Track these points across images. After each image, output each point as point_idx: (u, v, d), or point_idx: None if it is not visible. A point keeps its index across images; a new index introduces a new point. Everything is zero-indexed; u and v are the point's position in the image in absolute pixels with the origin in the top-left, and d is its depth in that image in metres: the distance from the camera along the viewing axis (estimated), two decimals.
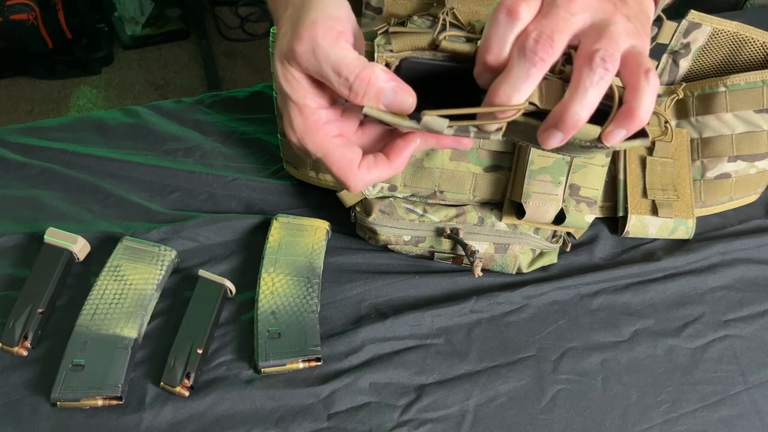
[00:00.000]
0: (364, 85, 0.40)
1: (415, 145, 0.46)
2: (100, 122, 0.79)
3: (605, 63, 0.37)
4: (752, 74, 0.69)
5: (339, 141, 0.45)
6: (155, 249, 0.63)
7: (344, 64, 0.40)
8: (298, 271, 0.63)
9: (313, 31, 0.40)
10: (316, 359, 0.58)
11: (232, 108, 0.82)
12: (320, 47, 0.40)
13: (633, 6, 0.42)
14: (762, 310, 0.67)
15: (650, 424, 0.58)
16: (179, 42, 2.09)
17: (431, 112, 0.38)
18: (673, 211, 0.70)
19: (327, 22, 0.41)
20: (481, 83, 0.41)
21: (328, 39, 0.40)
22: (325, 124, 0.45)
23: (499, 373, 0.59)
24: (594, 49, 0.38)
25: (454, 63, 0.43)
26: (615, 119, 0.39)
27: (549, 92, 0.40)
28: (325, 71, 0.41)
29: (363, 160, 0.46)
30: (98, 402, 0.54)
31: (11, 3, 1.80)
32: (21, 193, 0.70)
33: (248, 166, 0.75)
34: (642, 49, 0.39)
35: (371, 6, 0.66)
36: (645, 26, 0.42)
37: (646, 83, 0.38)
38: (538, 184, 0.61)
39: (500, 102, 0.39)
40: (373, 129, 0.48)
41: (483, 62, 0.40)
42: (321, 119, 0.44)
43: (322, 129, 0.45)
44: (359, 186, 0.46)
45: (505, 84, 0.38)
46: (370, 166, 0.46)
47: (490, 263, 0.67)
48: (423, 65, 0.43)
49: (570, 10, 0.39)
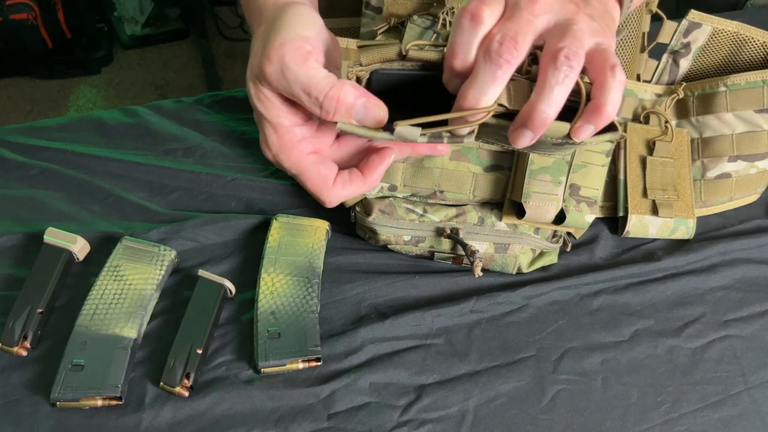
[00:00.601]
0: (333, 103, 0.40)
1: (389, 161, 0.47)
2: (99, 122, 0.79)
3: (569, 61, 0.38)
4: (752, 74, 0.69)
5: (314, 158, 0.46)
6: (155, 249, 0.63)
7: (313, 84, 0.40)
8: (298, 271, 0.63)
9: (282, 52, 0.41)
10: (316, 359, 0.58)
11: (232, 108, 0.82)
12: (289, 68, 0.41)
13: (596, 6, 0.42)
14: (762, 310, 0.67)
15: (650, 424, 0.58)
16: (179, 42, 2.09)
17: (403, 123, 0.39)
18: (673, 211, 0.70)
19: (295, 43, 0.41)
20: (451, 89, 0.42)
21: (297, 60, 0.41)
22: (300, 141, 0.45)
23: (499, 374, 0.59)
24: (558, 47, 0.38)
25: (424, 71, 0.43)
26: (583, 115, 0.39)
27: (517, 93, 0.40)
28: (295, 92, 0.41)
29: (338, 176, 0.47)
30: (98, 402, 0.54)
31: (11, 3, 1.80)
32: (20, 193, 0.70)
33: (248, 166, 0.75)
34: (607, 46, 0.40)
35: (371, 5, 0.66)
36: (609, 25, 0.43)
37: (613, 79, 0.38)
38: (539, 183, 0.61)
39: (469, 106, 0.39)
40: (350, 142, 0.48)
41: (450, 68, 0.41)
42: (295, 137, 0.45)
43: (297, 147, 0.45)
44: (334, 202, 0.48)
45: (473, 88, 0.39)
46: (345, 183, 0.47)
47: (490, 263, 0.67)
48: (393, 76, 0.43)
49: (533, 11, 0.39)
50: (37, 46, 1.88)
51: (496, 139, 0.43)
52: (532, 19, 0.39)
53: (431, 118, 0.39)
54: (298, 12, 0.44)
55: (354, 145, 0.48)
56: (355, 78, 0.43)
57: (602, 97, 0.39)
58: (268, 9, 0.47)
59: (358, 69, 0.43)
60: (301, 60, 0.41)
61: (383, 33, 0.65)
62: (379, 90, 0.43)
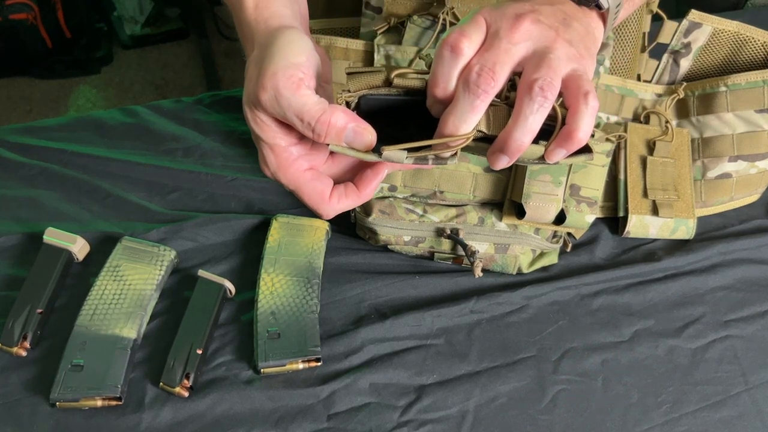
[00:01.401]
0: (324, 128, 0.42)
1: (383, 176, 0.49)
2: (99, 122, 0.79)
3: (544, 92, 0.40)
4: (753, 74, 0.69)
5: (310, 174, 0.49)
6: (155, 249, 0.63)
7: (305, 110, 0.43)
8: (298, 271, 0.63)
9: (275, 81, 0.43)
10: (315, 360, 0.58)
11: (232, 108, 0.82)
12: (282, 96, 0.43)
13: (577, 29, 0.44)
14: (763, 310, 0.66)
15: (651, 424, 0.58)
16: (179, 41, 2.09)
17: (390, 147, 0.42)
18: (673, 211, 0.70)
19: (287, 72, 0.43)
20: (434, 113, 0.44)
21: (290, 88, 0.43)
22: (296, 159, 0.48)
23: (499, 374, 0.59)
24: (533, 78, 0.40)
25: (409, 96, 0.46)
26: (556, 140, 0.42)
27: (496, 118, 0.43)
28: (289, 117, 0.44)
29: (334, 190, 0.50)
30: (97, 402, 0.54)
31: (11, 3, 1.79)
32: (20, 193, 0.70)
33: (248, 166, 0.75)
34: (583, 72, 0.42)
35: (371, 5, 0.65)
36: (590, 48, 0.45)
37: (585, 106, 0.41)
38: (539, 184, 0.61)
39: (449, 133, 0.41)
40: (343, 158, 0.51)
41: (432, 96, 0.43)
42: (292, 155, 0.48)
43: (293, 165, 0.48)
44: (331, 214, 0.50)
45: (453, 116, 0.41)
46: (341, 197, 0.50)
47: (491, 263, 0.67)
48: (380, 101, 0.46)
49: (512, 39, 0.41)
50: (36, 46, 1.88)
51: (480, 154, 0.45)
52: (510, 48, 0.41)
53: (415, 144, 0.42)
54: (288, 38, 0.46)
55: (348, 161, 0.51)
56: (345, 103, 0.45)
57: (574, 123, 0.41)
58: (260, 34, 0.49)
59: (347, 95, 0.45)
60: (294, 88, 0.43)
61: (383, 33, 0.65)
62: (368, 112, 0.45)
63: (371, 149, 0.43)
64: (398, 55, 0.63)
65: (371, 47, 0.64)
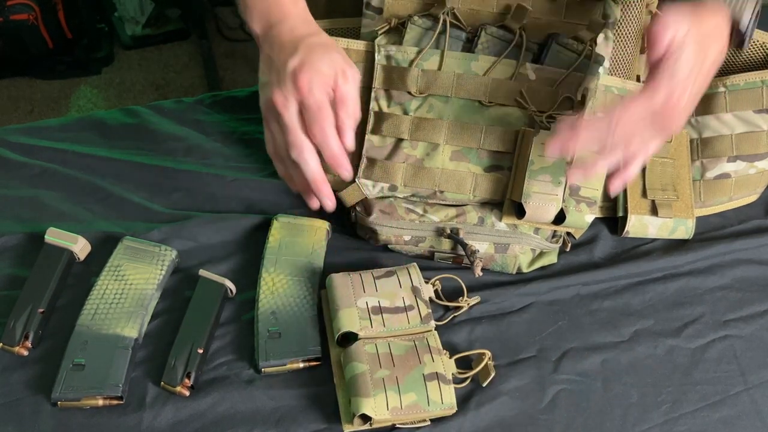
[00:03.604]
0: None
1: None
2: (100, 122, 0.79)
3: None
4: (752, 74, 0.69)
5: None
6: (156, 249, 0.63)
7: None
8: (299, 271, 0.63)
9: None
10: (316, 359, 0.58)
11: (232, 108, 0.82)
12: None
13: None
14: (762, 310, 0.67)
15: (651, 424, 0.58)
16: (179, 42, 2.09)
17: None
18: (672, 211, 0.70)
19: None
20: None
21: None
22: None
23: (499, 373, 0.59)
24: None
25: None
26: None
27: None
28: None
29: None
30: (99, 402, 0.54)
31: (11, 3, 1.79)
32: (21, 193, 0.70)
33: (248, 166, 0.75)
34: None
35: (372, 6, 0.66)
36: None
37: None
38: (539, 184, 0.61)
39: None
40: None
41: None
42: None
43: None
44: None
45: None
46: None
47: (491, 263, 0.67)
48: None
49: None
50: (37, 47, 1.88)
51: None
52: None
53: None
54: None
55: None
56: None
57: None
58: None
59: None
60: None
61: (384, 33, 0.65)
62: None
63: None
64: (399, 56, 0.63)
65: (372, 48, 0.64)
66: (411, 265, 0.63)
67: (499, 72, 0.63)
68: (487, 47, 0.63)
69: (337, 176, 0.59)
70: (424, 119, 0.63)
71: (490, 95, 0.63)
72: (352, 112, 0.57)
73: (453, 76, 0.63)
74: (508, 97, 0.63)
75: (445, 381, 0.55)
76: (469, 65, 0.63)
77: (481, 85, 0.63)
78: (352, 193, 0.65)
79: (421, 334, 0.59)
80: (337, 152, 0.56)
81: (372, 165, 0.65)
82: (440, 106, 0.63)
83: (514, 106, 0.63)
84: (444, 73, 0.63)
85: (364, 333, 0.58)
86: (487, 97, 0.63)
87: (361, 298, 0.60)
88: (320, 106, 0.54)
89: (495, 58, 0.63)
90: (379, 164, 0.64)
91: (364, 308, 0.59)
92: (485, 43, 0.63)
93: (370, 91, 0.64)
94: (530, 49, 0.64)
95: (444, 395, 0.55)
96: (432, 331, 0.59)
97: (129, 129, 0.78)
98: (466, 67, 0.63)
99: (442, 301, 0.64)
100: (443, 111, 0.63)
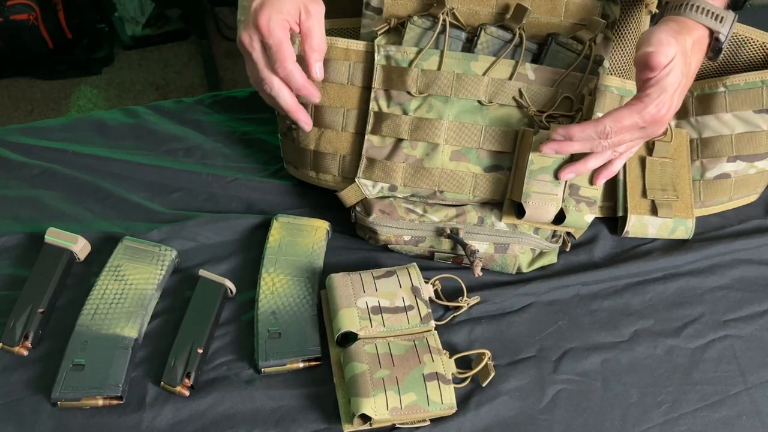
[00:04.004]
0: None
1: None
2: (100, 122, 0.79)
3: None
4: (751, 74, 0.69)
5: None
6: (156, 249, 0.63)
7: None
8: (299, 271, 0.63)
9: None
10: (316, 359, 0.58)
11: (232, 108, 0.82)
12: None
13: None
14: (761, 310, 0.67)
15: (650, 424, 0.58)
16: (179, 42, 2.09)
17: None
18: (672, 211, 0.70)
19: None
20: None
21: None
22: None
23: (499, 373, 0.59)
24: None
25: None
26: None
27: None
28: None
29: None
30: (99, 402, 0.54)
31: (12, 3, 1.79)
32: (21, 193, 0.70)
33: (248, 166, 0.75)
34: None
35: (371, 6, 0.66)
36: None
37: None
38: (538, 183, 0.61)
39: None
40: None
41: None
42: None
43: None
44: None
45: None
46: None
47: (490, 263, 0.67)
48: None
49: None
50: (37, 47, 1.88)
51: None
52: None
53: None
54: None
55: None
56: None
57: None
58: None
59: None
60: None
61: (383, 33, 0.65)
62: None
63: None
64: (398, 56, 0.63)
65: (372, 48, 0.64)
66: (411, 265, 0.63)
67: (499, 72, 0.63)
68: (487, 47, 0.63)
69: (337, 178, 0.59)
70: (423, 119, 0.63)
71: (489, 95, 0.63)
72: (316, 44, 0.60)
73: (452, 76, 0.63)
74: (508, 97, 0.63)
75: (444, 381, 0.55)
76: (468, 65, 0.63)
77: (481, 85, 0.63)
78: (352, 193, 0.65)
79: (420, 334, 0.59)
80: (301, 84, 0.61)
81: (372, 165, 0.65)
82: (440, 106, 0.63)
83: (513, 106, 0.64)
84: (443, 73, 0.63)
85: (364, 333, 0.58)
86: (486, 97, 0.63)
87: (361, 298, 0.60)
88: (279, 46, 0.58)
89: (494, 58, 0.63)
90: (379, 164, 0.64)
91: (364, 308, 0.59)
92: (485, 43, 0.63)
93: (369, 91, 0.64)
94: (530, 49, 0.64)
95: (444, 395, 0.55)
96: (432, 331, 0.59)
97: (129, 129, 0.78)
98: (465, 67, 0.63)
99: (442, 301, 0.64)
100: (443, 111, 0.63)
